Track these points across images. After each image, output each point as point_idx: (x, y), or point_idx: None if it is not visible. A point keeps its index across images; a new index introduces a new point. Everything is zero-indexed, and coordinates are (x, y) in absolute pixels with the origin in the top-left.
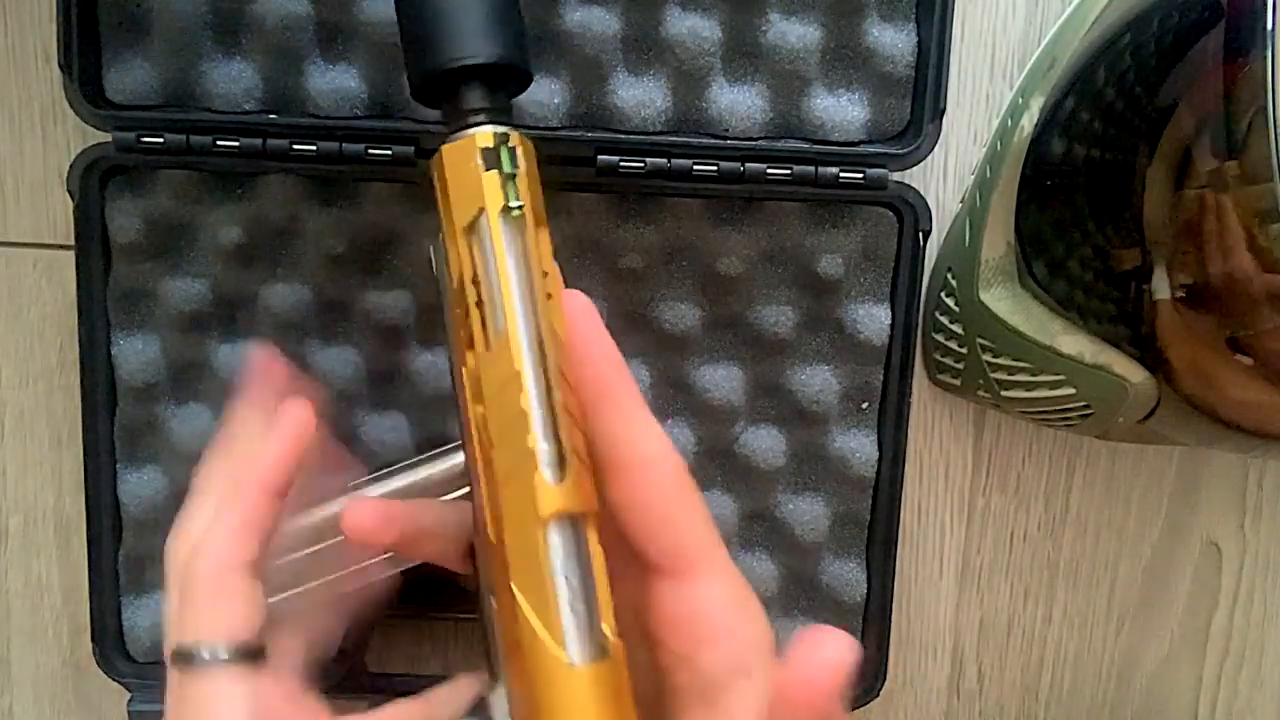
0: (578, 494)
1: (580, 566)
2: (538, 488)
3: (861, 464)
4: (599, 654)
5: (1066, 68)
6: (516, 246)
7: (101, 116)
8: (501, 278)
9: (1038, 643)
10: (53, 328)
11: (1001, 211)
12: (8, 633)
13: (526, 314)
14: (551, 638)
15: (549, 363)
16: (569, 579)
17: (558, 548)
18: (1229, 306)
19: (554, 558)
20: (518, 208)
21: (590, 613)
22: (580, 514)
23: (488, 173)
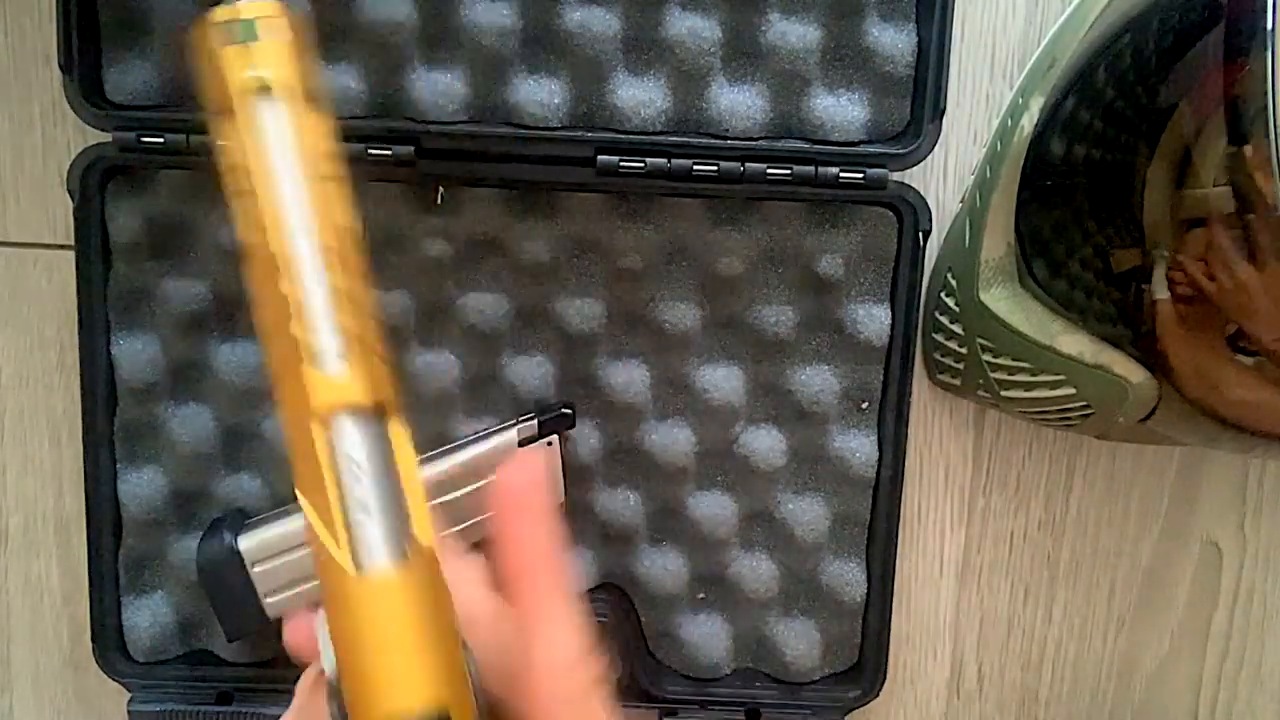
0: (357, 385)
1: (372, 464)
2: (308, 379)
3: (861, 464)
4: (395, 561)
5: (1066, 68)
6: (271, 124)
7: (101, 116)
8: (254, 160)
9: (1038, 643)
10: (53, 328)
11: (1001, 211)
12: (8, 633)
13: (284, 193)
14: (335, 544)
15: (318, 245)
16: (353, 479)
17: (337, 444)
18: (1229, 307)
19: (334, 456)
20: (261, 80)
21: (387, 516)
22: (365, 406)
23: (238, 46)
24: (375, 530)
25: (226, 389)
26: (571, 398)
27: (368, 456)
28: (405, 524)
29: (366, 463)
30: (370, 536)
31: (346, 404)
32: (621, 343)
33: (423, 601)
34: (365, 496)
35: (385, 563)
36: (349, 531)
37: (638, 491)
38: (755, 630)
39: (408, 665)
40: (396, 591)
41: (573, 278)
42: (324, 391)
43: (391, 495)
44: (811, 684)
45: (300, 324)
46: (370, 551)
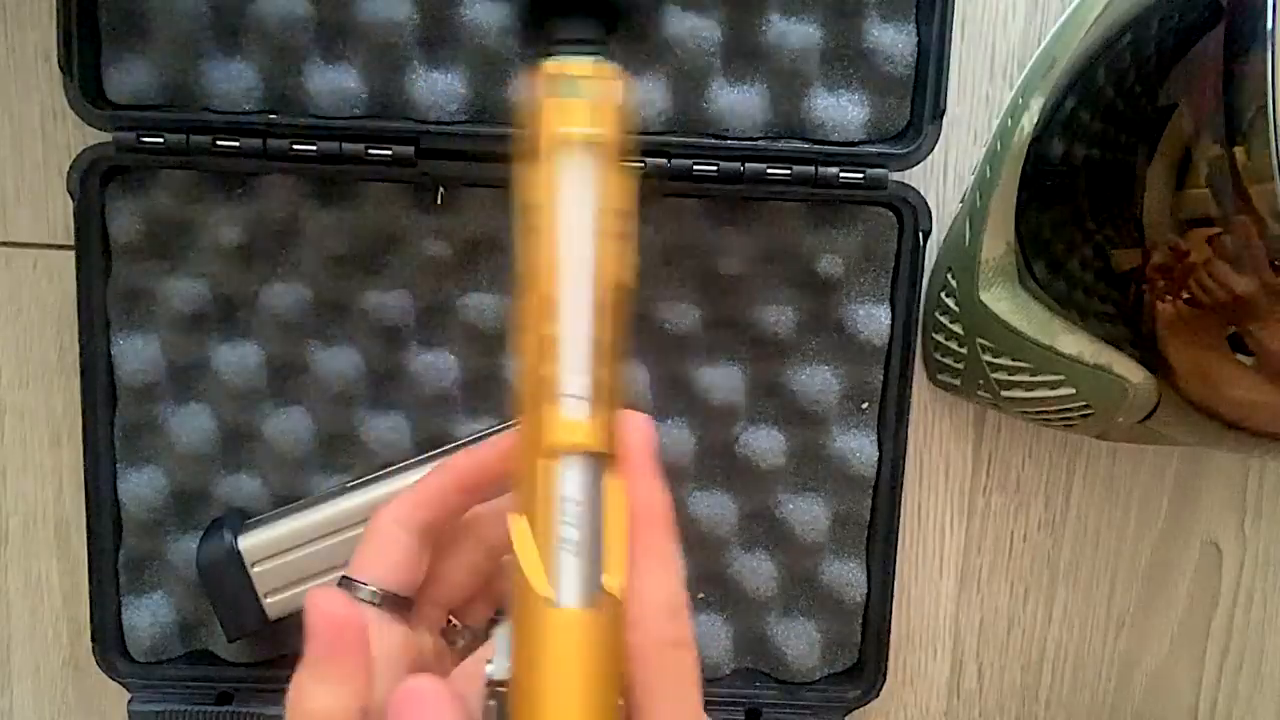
0: (593, 434)
1: (587, 509)
2: (549, 418)
3: (861, 464)
4: (587, 602)
5: (1066, 68)
6: (577, 174)
7: (101, 116)
8: (555, 203)
9: (1038, 643)
10: (53, 328)
11: (1001, 211)
12: (8, 633)
13: (574, 241)
14: (541, 573)
15: (594, 295)
16: (568, 518)
17: (564, 483)
18: (1229, 307)
19: (556, 493)
20: (583, 135)
21: (589, 558)
22: (595, 453)
23: (561, 100)
24: (575, 571)
25: (226, 389)
26: None
27: (586, 501)
28: (600, 571)
29: (583, 506)
30: (570, 575)
31: (577, 446)
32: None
33: (600, 645)
34: (573, 537)
35: (577, 603)
36: (553, 565)
37: None
38: (755, 630)
39: (573, 699)
40: (580, 631)
41: None
42: (560, 431)
43: (596, 542)
44: (811, 684)
45: (554, 365)
46: (567, 589)
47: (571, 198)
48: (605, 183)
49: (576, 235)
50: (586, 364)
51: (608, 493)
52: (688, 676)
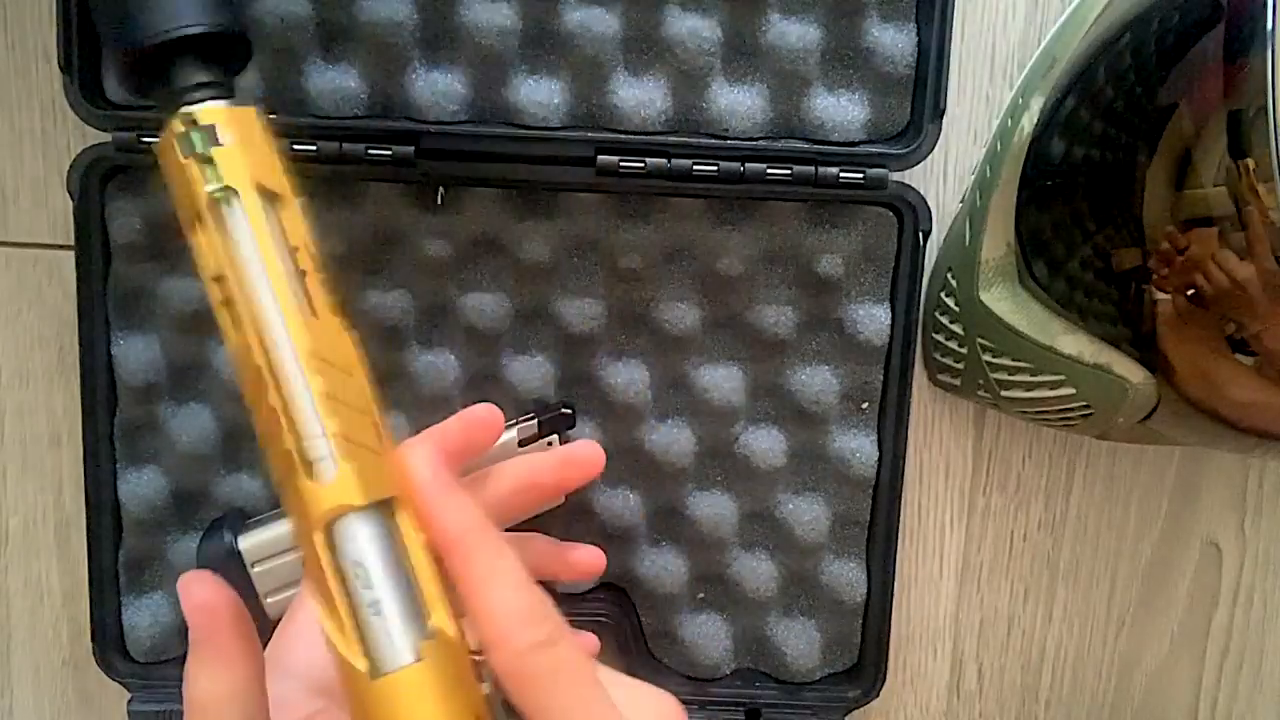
0: (350, 487)
1: (379, 562)
2: (301, 491)
3: (861, 464)
4: (411, 658)
5: (1066, 68)
6: (238, 231)
7: (101, 116)
8: (227, 268)
9: (1038, 643)
10: (53, 328)
11: (1001, 211)
12: (8, 633)
13: (261, 301)
14: (350, 649)
15: (298, 351)
16: (360, 582)
17: (339, 550)
18: (1230, 307)
19: (337, 562)
20: (220, 191)
21: (400, 612)
22: (360, 507)
23: (189, 160)
24: (388, 629)
25: (226, 389)
26: (571, 398)
27: (373, 556)
28: (419, 616)
29: (372, 562)
30: (383, 637)
31: (342, 508)
32: (621, 343)
33: (443, 691)
34: (374, 597)
35: (402, 660)
36: (362, 634)
37: (638, 491)
38: (755, 630)
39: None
40: (414, 689)
41: (573, 278)
42: (319, 500)
43: (403, 589)
44: (811, 684)
45: (289, 435)
46: (385, 652)
47: (247, 255)
48: (274, 227)
49: (265, 295)
50: (319, 423)
51: (403, 535)
52: (569, 668)
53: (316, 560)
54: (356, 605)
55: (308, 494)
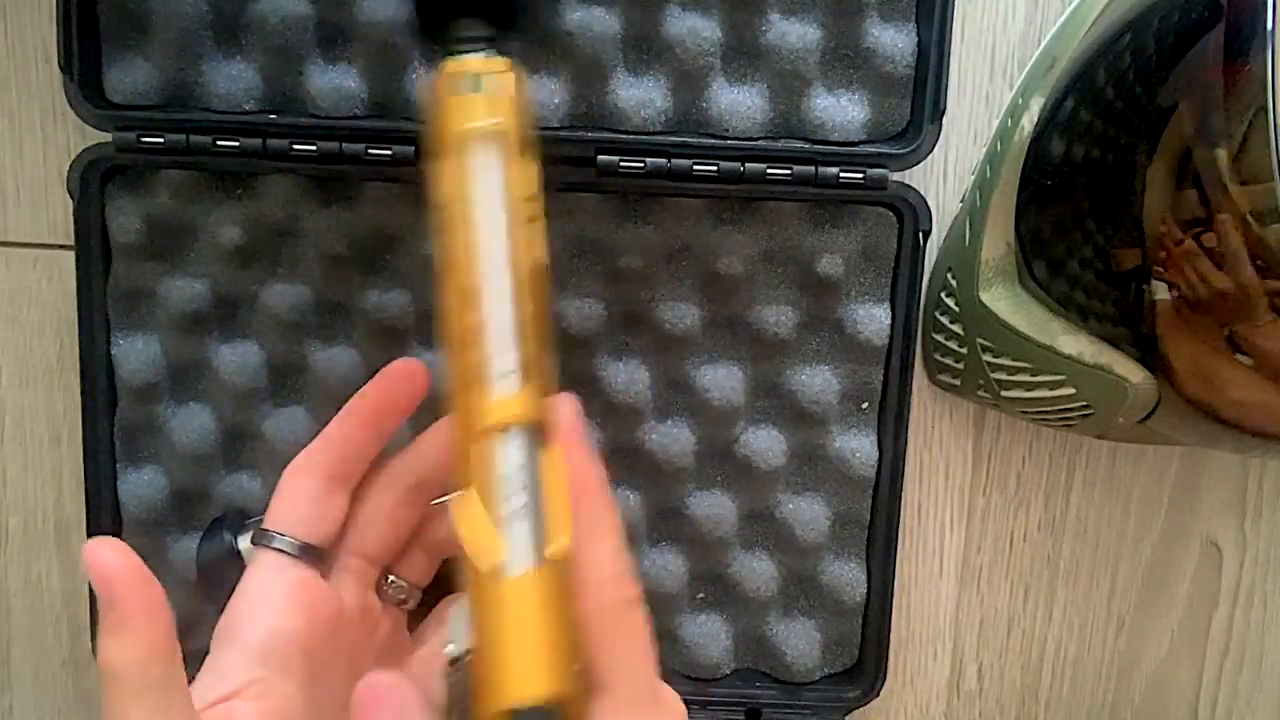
0: (524, 407)
1: (527, 478)
2: (482, 399)
3: (861, 464)
4: (535, 565)
5: (1066, 68)
6: (484, 166)
7: (101, 116)
8: (470, 195)
9: (1038, 643)
10: (53, 328)
11: (1001, 211)
12: (8, 633)
13: (490, 231)
14: (492, 545)
15: (509, 280)
16: (510, 489)
17: (503, 457)
18: (1228, 307)
19: (497, 466)
20: (490, 127)
21: (534, 526)
22: (527, 426)
23: (462, 96)
24: (523, 539)
25: (226, 389)
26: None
27: (525, 472)
28: (544, 537)
29: (523, 477)
30: (519, 543)
31: (512, 420)
32: (621, 343)
33: (553, 606)
34: (516, 507)
35: (528, 568)
36: (502, 536)
37: (638, 491)
38: (755, 630)
39: (536, 662)
40: (535, 595)
41: (573, 278)
42: (494, 410)
43: (539, 511)
44: (811, 684)
45: (481, 349)
46: (517, 556)
47: (482, 189)
48: (511, 171)
49: (490, 225)
50: (513, 344)
51: (545, 463)
52: (639, 633)
53: (473, 464)
54: (501, 510)
55: (484, 403)
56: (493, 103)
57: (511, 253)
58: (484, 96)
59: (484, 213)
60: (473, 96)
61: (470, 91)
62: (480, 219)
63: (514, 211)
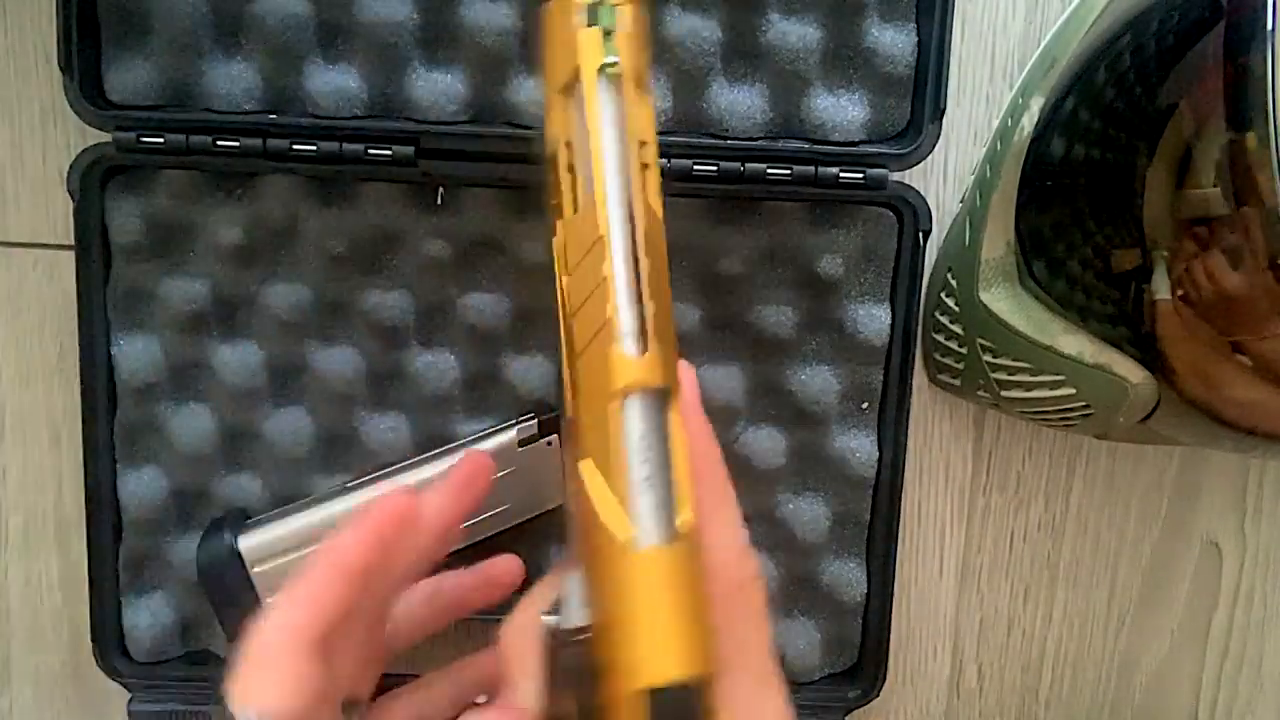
0: (655, 369)
1: (656, 446)
2: (613, 358)
3: (861, 464)
4: (667, 539)
5: (1066, 68)
6: (611, 108)
7: (101, 116)
8: (593, 139)
9: (1038, 643)
10: (53, 328)
11: (1001, 211)
12: (8, 633)
13: (616, 177)
14: (618, 517)
15: (638, 231)
16: (641, 457)
17: (632, 422)
18: (1227, 307)
19: (626, 432)
20: (613, 65)
21: (662, 495)
22: (656, 390)
23: (583, 30)
24: (652, 510)
25: (226, 389)
26: None
27: (654, 439)
28: (673, 509)
29: (652, 445)
30: (648, 514)
31: (644, 385)
32: None
33: (686, 578)
34: (648, 477)
35: (658, 541)
36: (631, 506)
37: None
38: None
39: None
40: (667, 567)
41: None
42: (627, 371)
43: (666, 478)
44: (811, 684)
45: (613, 305)
46: (646, 528)
47: (609, 131)
48: (637, 114)
49: (615, 168)
50: (640, 301)
51: (671, 429)
52: (760, 611)
53: (606, 428)
54: (631, 479)
55: (617, 363)
56: (623, 40)
57: (637, 202)
58: (616, 33)
59: (613, 154)
60: (606, 31)
61: (603, 25)
62: (610, 161)
63: (638, 157)
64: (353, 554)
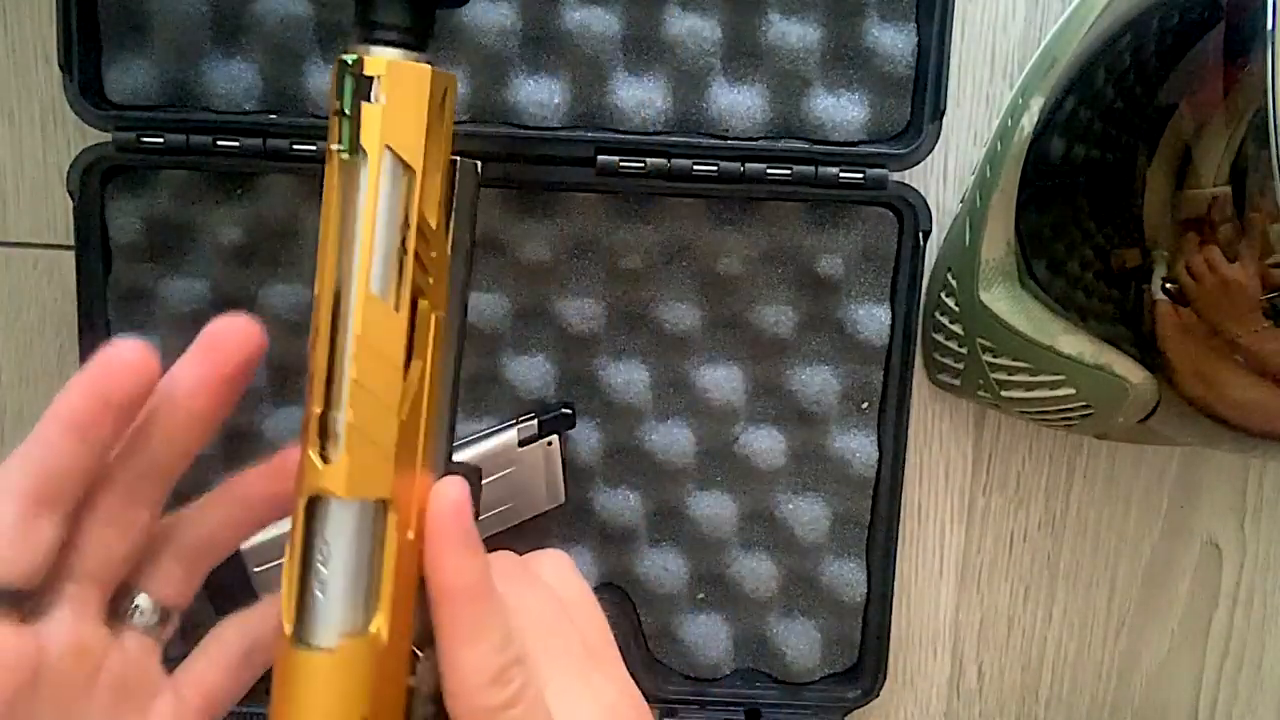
0: (341, 479)
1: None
2: (304, 457)
3: (861, 464)
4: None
5: (1066, 68)
6: (338, 191)
7: (101, 116)
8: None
9: (1038, 643)
10: (53, 328)
11: (1001, 211)
12: None
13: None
14: (284, 609)
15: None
16: (320, 556)
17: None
18: (1217, 303)
19: (309, 531)
20: (340, 151)
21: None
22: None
23: (336, 100)
24: (322, 610)
25: None
26: (571, 398)
27: (342, 543)
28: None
29: (338, 549)
30: (315, 615)
31: (324, 491)
32: (621, 343)
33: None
34: (325, 577)
35: (321, 643)
36: (300, 604)
37: (638, 491)
38: (755, 630)
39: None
40: (319, 673)
41: (573, 278)
42: (310, 475)
43: (359, 581)
44: (811, 684)
45: (317, 402)
46: (310, 628)
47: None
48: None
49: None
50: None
51: (385, 535)
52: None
53: (292, 524)
54: (308, 577)
55: (306, 464)
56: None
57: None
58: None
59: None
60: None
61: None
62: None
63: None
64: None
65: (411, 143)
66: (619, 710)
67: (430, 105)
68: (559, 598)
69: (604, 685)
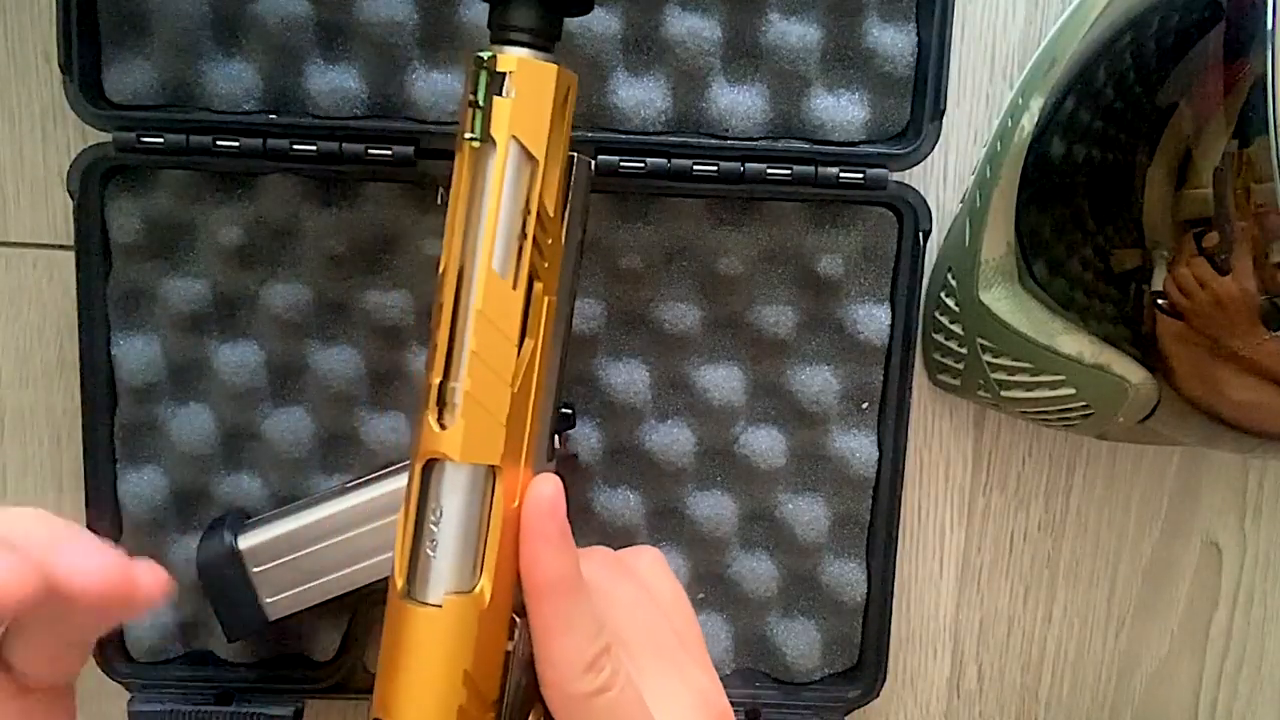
0: (457, 443)
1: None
2: (422, 423)
3: (861, 464)
4: (435, 600)
5: (1066, 68)
6: (467, 177)
7: (101, 116)
8: (459, 203)
9: (1038, 643)
10: (53, 328)
11: (1001, 211)
12: None
13: (465, 247)
14: (397, 565)
15: (473, 304)
16: (433, 517)
17: (432, 486)
18: (1219, 323)
19: (420, 492)
20: (472, 139)
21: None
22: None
23: (469, 93)
24: (432, 568)
25: (226, 389)
26: (571, 398)
27: (454, 505)
28: (470, 570)
29: (450, 511)
30: (424, 573)
31: (440, 454)
32: (621, 343)
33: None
34: (436, 538)
35: (429, 598)
36: (412, 562)
37: (638, 491)
38: (755, 630)
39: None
40: (425, 626)
41: None
42: (427, 439)
43: (467, 543)
44: (811, 684)
45: (437, 372)
46: (419, 584)
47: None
48: (516, 185)
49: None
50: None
51: (493, 503)
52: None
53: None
54: (420, 536)
55: (425, 429)
56: (500, 109)
57: (480, 275)
58: (497, 102)
59: (464, 228)
60: (480, 102)
61: (477, 95)
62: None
63: (501, 228)
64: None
65: (536, 134)
66: (709, 697)
67: (554, 101)
68: (652, 591)
69: (697, 674)
